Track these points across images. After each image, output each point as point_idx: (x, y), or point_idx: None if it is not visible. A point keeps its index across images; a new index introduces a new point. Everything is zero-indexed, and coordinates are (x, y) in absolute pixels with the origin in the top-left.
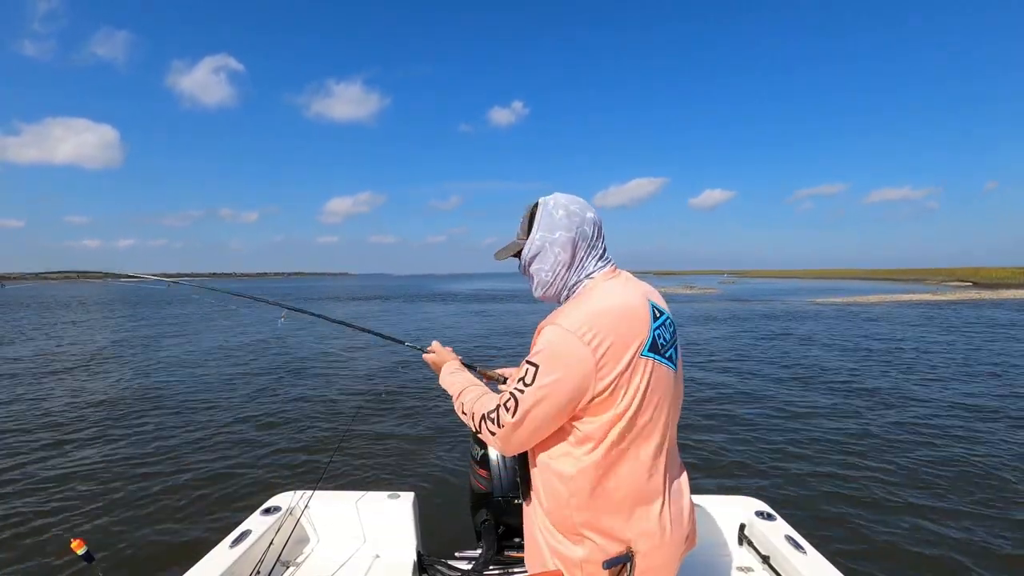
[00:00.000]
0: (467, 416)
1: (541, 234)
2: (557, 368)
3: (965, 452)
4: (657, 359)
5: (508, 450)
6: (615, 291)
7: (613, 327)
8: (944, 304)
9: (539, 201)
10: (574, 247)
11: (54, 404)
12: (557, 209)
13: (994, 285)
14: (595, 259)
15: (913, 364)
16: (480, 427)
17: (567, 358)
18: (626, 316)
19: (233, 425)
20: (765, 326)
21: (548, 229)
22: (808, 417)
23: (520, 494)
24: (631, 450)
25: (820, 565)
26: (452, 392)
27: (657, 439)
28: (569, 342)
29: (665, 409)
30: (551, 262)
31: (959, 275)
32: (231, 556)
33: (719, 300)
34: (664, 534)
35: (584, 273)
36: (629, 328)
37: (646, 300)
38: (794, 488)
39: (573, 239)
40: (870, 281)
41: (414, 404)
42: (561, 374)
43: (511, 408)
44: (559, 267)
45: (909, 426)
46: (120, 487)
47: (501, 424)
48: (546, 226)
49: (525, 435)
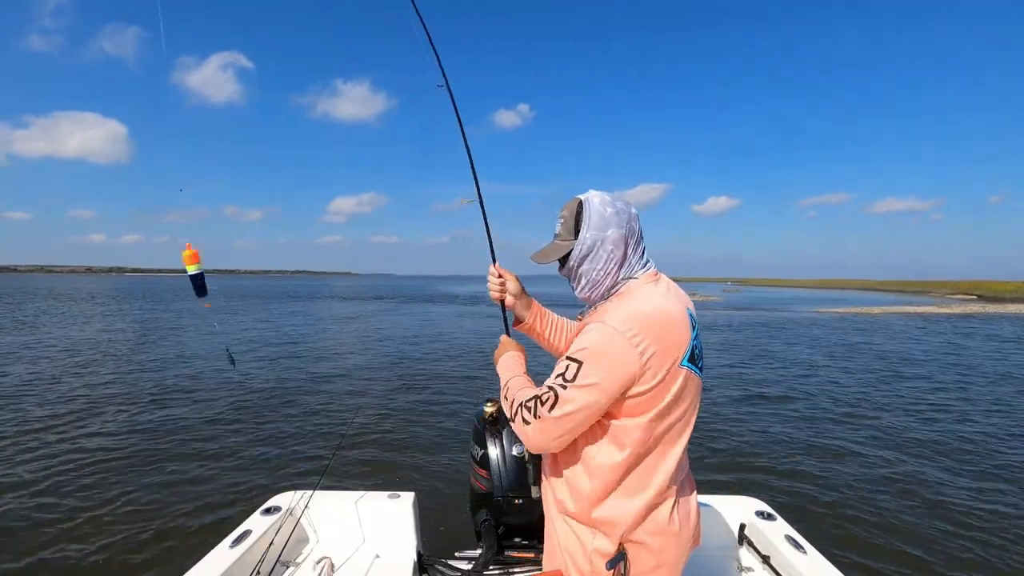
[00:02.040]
0: (507, 403)
1: (592, 232)
2: (602, 368)
3: (966, 452)
4: (692, 369)
5: (536, 445)
6: (661, 297)
7: (659, 334)
8: (949, 317)
9: (581, 199)
10: (625, 244)
11: (53, 402)
12: (605, 206)
13: (1000, 299)
14: (640, 257)
15: (917, 374)
16: (515, 416)
17: (614, 359)
18: (672, 324)
19: (233, 425)
20: (766, 334)
21: (599, 228)
22: (808, 419)
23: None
24: (656, 453)
25: (820, 565)
26: (502, 378)
27: (681, 444)
28: (617, 343)
29: (691, 416)
30: (604, 260)
31: (964, 288)
32: (231, 556)
33: (722, 308)
34: (676, 533)
35: (630, 272)
36: (673, 337)
37: (686, 310)
38: (794, 488)
39: (624, 236)
40: (874, 292)
41: (414, 404)
42: (606, 374)
43: (548, 402)
44: (612, 265)
45: (909, 429)
46: (120, 487)
47: (538, 416)
48: (596, 224)
49: (558, 431)
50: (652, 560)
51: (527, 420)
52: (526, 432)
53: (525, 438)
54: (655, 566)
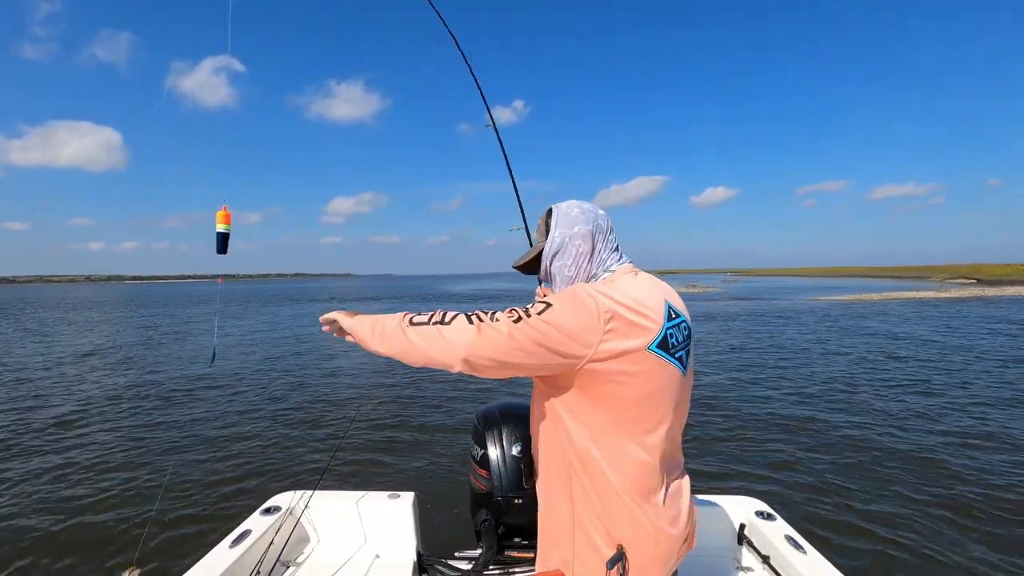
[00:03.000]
0: (415, 328)
1: (560, 231)
2: (568, 306)
3: (966, 453)
4: (665, 357)
5: (477, 359)
6: (633, 285)
7: (626, 311)
8: (949, 302)
9: (551, 206)
10: (592, 239)
11: (55, 401)
12: (571, 208)
13: (998, 282)
14: (611, 250)
15: (920, 364)
16: (434, 322)
17: (580, 302)
18: (641, 305)
19: (233, 425)
20: (765, 325)
21: (566, 226)
22: (808, 417)
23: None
24: (626, 444)
25: (820, 565)
26: (365, 326)
27: (656, 438)
28: (584, 294)
29: (667, 409)
30: (573, 255)
31: (963, 272)
32: (231, 556)
33: (721, 298)
34: (657, 534)
35: (603, 265)
36: (640, 318)
37: (663, 299)
38: (794, 488)
39: (591, 231)
40: (873, 279)
41: (414, 404)
42: (571, 311)
43: (506, 317)
44: (580, 259)
45: (910, 427)
46: (119, 487)
47: (484, 321)
48: (564, 224)
49: (506, 345)
50: (631, 561)
51: (468, 324)
52: (459, 332)
53: (463, 346)
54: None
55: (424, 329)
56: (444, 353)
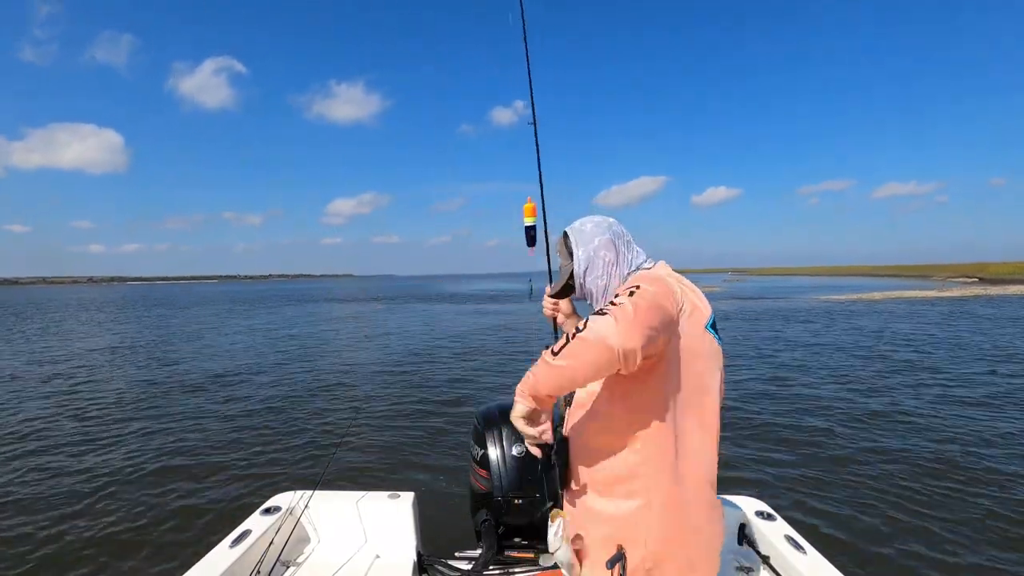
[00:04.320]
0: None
1: (583, 249)
2: (651, 284)
3: (966, 454)
4: (715, 336)
5: (630, 341)
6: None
7: (688, 290)
8: (951, 300)
9: (565, 230)
10: (614, 245)
11: (53, 403)
12: (584, 225)
13: (1000, 281)
14: (634, 253)
15: (921, 364)
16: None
17: (659, 280)
18: (694, 290)
19: (233, 425)
20: (766, 324)
21: (586, 242)
22: (809, 417)
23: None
24: (692, 426)
25: (820, 565)
26: (526, 398)
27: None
28: (662, 277)
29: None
30: (601, 266)
31: (965, 271)
32: (231, 556)
33: (723, 298)
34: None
35: (631, 265)
36: (698, 299)
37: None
38: (794, 488)
39: (610, 239)
40: (875, 278)
41: (414, 404)
42: (656, 287)
43: (626, 301)
44: (609, 267)
45: (910, 427)
46: (119, 487)
47: (622, 308)
48: (583, 241)
49: (645, 317)
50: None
51: (601, 316)
52: (601, 327)
53: (600, 336)
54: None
55: (569, 347)
56: (601, 352)
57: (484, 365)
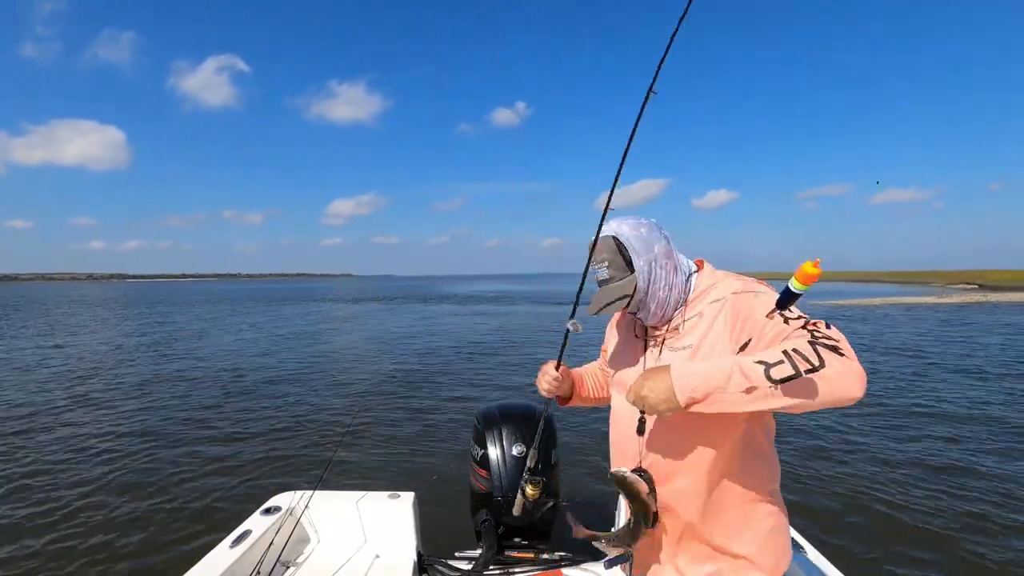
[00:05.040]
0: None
1: (644, 258)
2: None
3: (967, 454)
4: None
5: (864, 378)
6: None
7: None
8: (951, 307)
9: (613, 236)
10: (672, 251)
11: (54, 403)
12: (639, 229)
13: (1001, 288)
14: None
15: (922, 365)
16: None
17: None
18: None
19: (233, 425)
20: None
21: (646, 250)
22: (808, 417)
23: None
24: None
25: (820, 565)
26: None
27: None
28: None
29: None
30: (664, 276)
31: (964, 277)
32: (231, 556)
33: None
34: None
35: (683, 269)
36: None
37: None
38: (794, 488)
39: (666, 244)
40: (874, 283)
41: (414, 404)
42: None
43: (838, 336)
44: (670, 275)
45: (911, 427)
46: (119, 486)
47: (846, 346)
48: (642, 249)
49: None
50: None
51: (841, 352)
52: (851, 357)
53: (858, 381)
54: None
55: (803, 385)
56: (842, 403)
57: (484, 365)
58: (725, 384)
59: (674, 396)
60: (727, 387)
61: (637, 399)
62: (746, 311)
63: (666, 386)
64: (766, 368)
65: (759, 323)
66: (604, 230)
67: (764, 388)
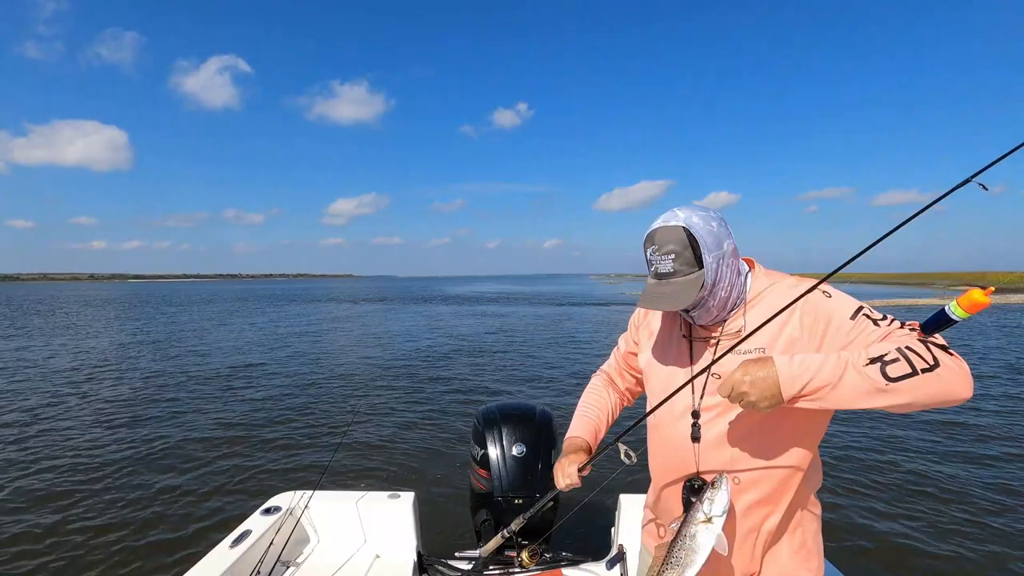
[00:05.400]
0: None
1: (714, 255)
2: None
3: (966, 454)
4: None
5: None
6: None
7: None
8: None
9: (682, 226)
10: (736, 250)
11: (56, 405)
12: (708, 222)
13: (1001, 290)
14: None
15: None
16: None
17: None
18: None
19: (233, 425)
20: None
21: (717, 246)
22: None
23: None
24: None
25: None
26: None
27: None
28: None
29: None
30: (728, 276)
31: (966, 279)
32: (231, 556)
33: None
34: None
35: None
36: None
37: None
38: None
39: (734, 244)
40: (876, 285)
41: (414, 404)
42: None
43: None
44: (734, 275)
45: (911, 427)
46: (119, 487)
47: (954, 353)
48: (713, 244)
49: None
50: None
51: (951, 352)
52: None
53: (965, 375)
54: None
55: (919, 385)
56: (951, 402)
57: (484, 365)
58: (837, 380)
59: (779, 389)
60: (839, 383)
61: (735, 391)
62: (825, 313)
63: (772, 379)
64: (882, 365)
65: (844, 325)
66: (671, 220)
67: (880, 385)
